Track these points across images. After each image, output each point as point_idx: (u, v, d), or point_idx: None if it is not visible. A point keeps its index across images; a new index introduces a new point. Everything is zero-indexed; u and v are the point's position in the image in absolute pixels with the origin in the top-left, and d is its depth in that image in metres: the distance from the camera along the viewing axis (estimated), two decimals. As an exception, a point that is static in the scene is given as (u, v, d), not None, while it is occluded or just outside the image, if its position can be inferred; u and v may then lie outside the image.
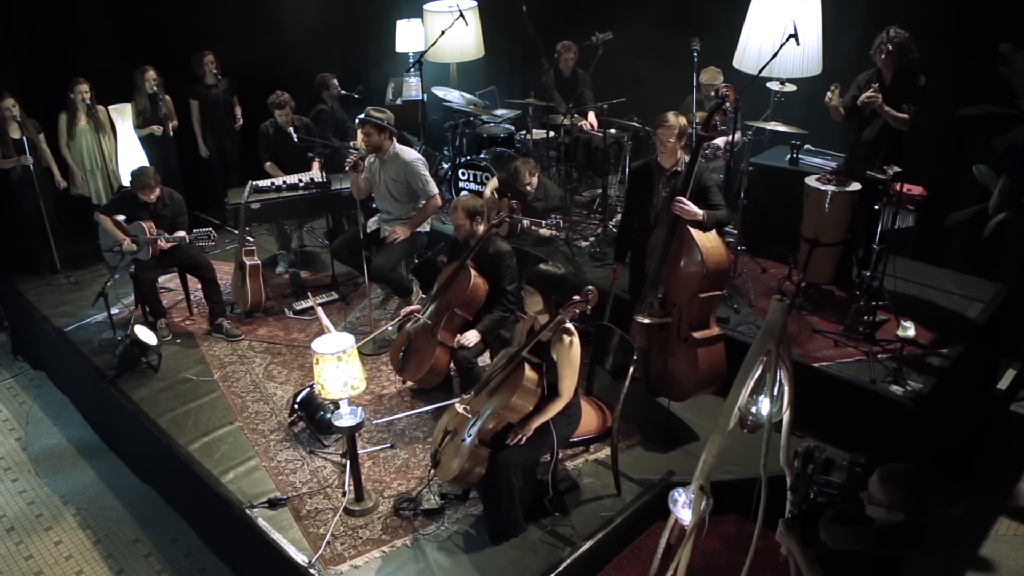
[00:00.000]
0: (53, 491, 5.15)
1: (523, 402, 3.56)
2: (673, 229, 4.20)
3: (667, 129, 4.24)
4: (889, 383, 4.25)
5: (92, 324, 5.86)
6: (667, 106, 6.17)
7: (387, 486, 4.16)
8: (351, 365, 3.55)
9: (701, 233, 4.12)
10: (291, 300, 6.10)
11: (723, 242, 4.21)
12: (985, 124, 4.64)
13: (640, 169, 4.53)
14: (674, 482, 4.02)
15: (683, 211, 4.11)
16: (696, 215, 4.12)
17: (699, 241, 4.09)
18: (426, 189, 5.31)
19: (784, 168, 5.47)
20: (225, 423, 4.75)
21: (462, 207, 4.40)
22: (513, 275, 4.48)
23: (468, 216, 4.39)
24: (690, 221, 4.12)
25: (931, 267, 5.54)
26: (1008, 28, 4.92)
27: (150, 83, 6.53)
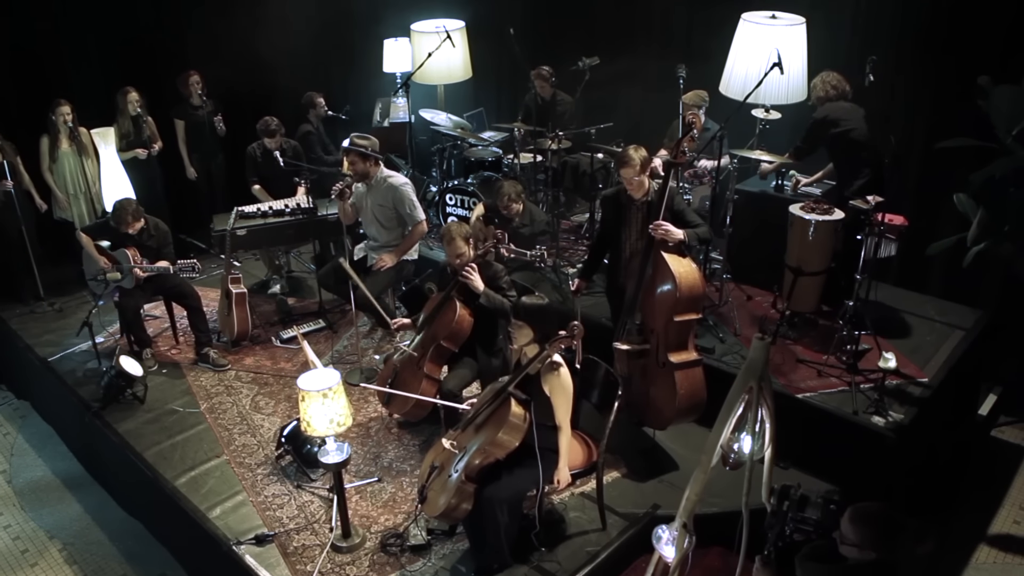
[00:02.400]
0: (39, 525, 5.24)
1: (509, 438, 3.68)
2: (647, 255, 4.35)
3: (629, 169, 4.39)
4: (871, 414, 4.40)
5: (77, 353, 5.96)
6: (654, 130, 6.40)
7: (374, 521, 4.28)
8: (337, 402, 3.68)
9: (674, 257, 4.28)
10: (278, 328, 6.22)
11: (697, 266, 4.37)
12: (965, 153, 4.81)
13: (610, 198, 4.68)
14: (658, 516, 4.18)
15: (666, 234, 4.25)
16: (678, 236, 4.27)
17: (672, 266, 4.24)
18: (413, 215, 5.45)
19: (769, 195, 5.62)
20: (212, 456, 4.85)
21: (460, 235, 4.51)
22: (510, 285, 4.64)
23: (464, 241, 4.51)
24: (667, 246, 4.27)
25: (913, 294, 5.71)
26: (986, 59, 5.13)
27: (133, 105, 6.61)
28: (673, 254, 4.26)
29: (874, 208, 4.42)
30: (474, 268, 4.48)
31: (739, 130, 5.65)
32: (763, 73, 4.81)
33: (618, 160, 4.48)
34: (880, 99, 5.33)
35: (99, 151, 5.99)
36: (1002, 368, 5.77)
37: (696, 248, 4.36)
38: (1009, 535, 4.84)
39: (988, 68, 4.55)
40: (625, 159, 4.40)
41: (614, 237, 4.68)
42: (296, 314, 6.46)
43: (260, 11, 7.41)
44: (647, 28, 7.31)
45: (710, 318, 5.25)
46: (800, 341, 5.13)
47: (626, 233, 4.58)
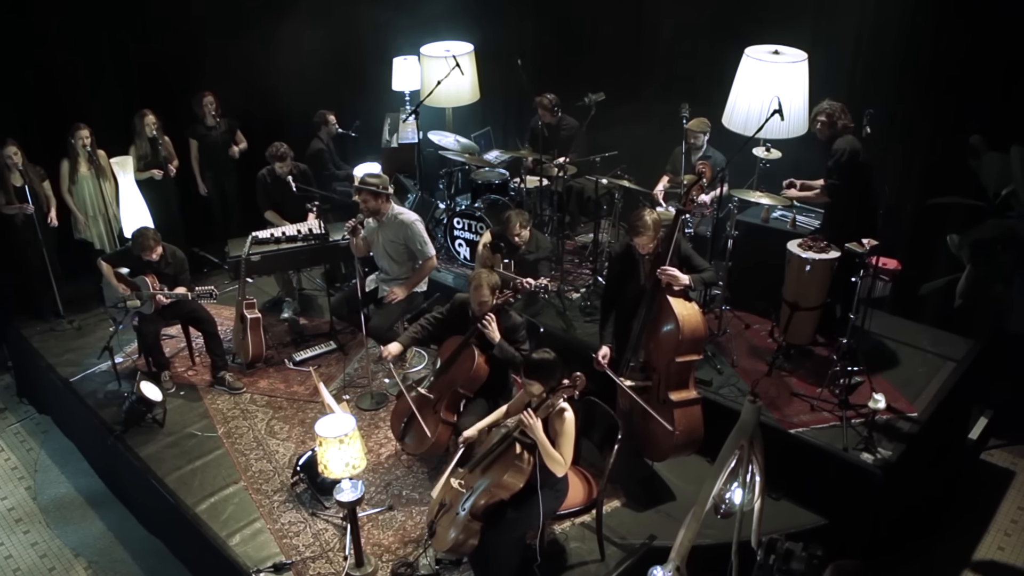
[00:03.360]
0: (64, 543, 5.51)
1: (514, 480, 3.93)
2: (653, 298, 4.57)
3: (644, 238, 4.55)
4: (860, 450, 4.62)
5: (97, 374, 6.20)
6: (657, 157, 6.58)
7: (386, 549, 4.54)
8: (352, 447, 3.93)
9: (679, 301, 4.49)
10: (291, 350, 6.47)
11: (700, 310, 4.58)
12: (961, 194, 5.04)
13: (623, 255, 4.86)
14: (655, 547, 4.42)
15: (671, 278, 4.47)
16: (684, 282, 4.49)
17: (676, 308, 4.46)
18: (424, 251, 5.69)
19: (769, 228, 5.81)
20: (230, 482, 5.10)
21: (488, 284, 4.69)
22: (525, 339, 4.86)
23: (491, 292, 4.70)
24: (672, 289, 4.49)
25: (908, 322, 5.90)
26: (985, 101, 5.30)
27: (149, 127, 6.82)
28: (678, 297, 4.48)
29: (869, 252, 4.63)
30: (493, 319, 4.69)
31: (739, 167, 5.83)
32: (763, 119, 5.00)
33: (632, 227, 4.62)
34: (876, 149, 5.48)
35: (118, 179, 6.23)
36: (993, 391, 5.94)
37: (701, 291, 4.55)
38: (993, 561, 5.06)
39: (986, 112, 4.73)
40: (640, 228, 4.54)
41: (626, 284, 4.85)
42: (308, 334, 6.71)
43: (272, 33, 7.61)
44: (651, 64, 7.52)
45: (708, 348, 5.45)
46: (795, 372, 5.35)
47: (635, 276, 4.77)
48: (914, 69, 5.86)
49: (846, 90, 5.93)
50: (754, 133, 5.03)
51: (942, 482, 5.49)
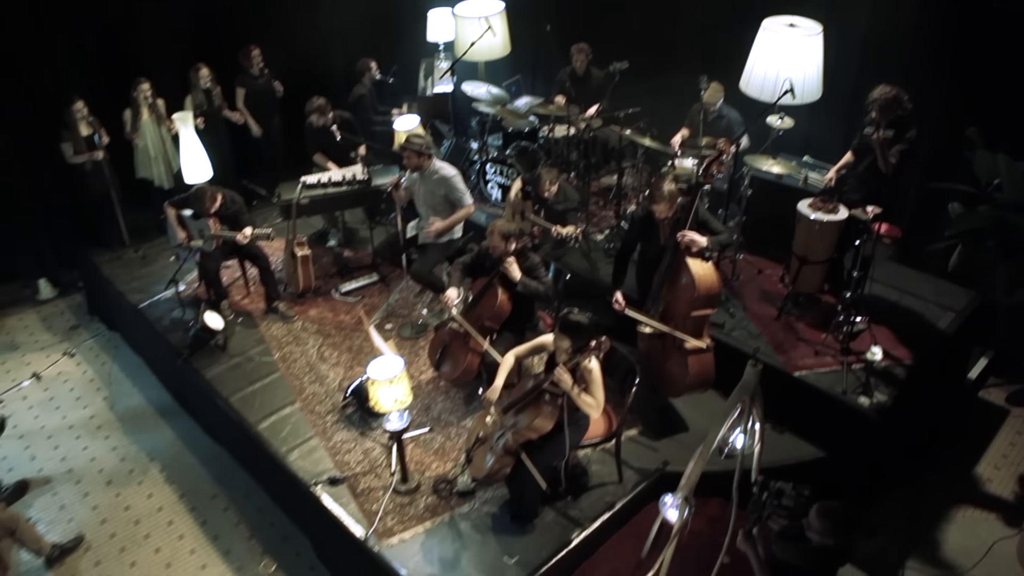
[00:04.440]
0: (140, 449, 5.95)
1: (543, 424, 4.23)
2: (673, 256, 4.79)
3: (662, 206, 4.76)
4: (858, 394, 4.86)
5: (163, 301, 6.55)
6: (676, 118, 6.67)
7: (427, 467, 4.91)
8: (400, 386, 4.25)
9: (696, 262, 4.70)
10: (336, 281, 6.75)
11: (715, 269, 4.78)
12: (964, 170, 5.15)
13: (644, 218, 5.03)
14: (668, 472, 4.75)
15: (691, 242, 4.68)
16: (701, 244, 4.70)
17: (693, 269, 4.67)
18: (462, 200, 5.89)
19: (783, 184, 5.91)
20: (287, 403, 5.46)
21: (499, 231, 4.94)
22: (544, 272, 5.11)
23: (503, 239, 4.95)
24: (690, 251, 4.69)
25: (912, 272, 6.01)
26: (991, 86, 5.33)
27: (204, 79, 7.17)
28: (695, 258, 4.68)
29: (872, 219, 4.79)
30: (512, 261, 4.94)
31: (754, 135, 5.92)
32: (778, 94, 5.08)
33: (651, 195, 4.84)
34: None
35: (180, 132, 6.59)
36: (994, 333, 6.00)
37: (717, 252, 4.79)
38: (982, 491, 5.28)
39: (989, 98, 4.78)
40: (657, 197, 4.75)
41: (646, 243, 5.06)
42: (352, 266, 7.01)
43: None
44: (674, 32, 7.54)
45: (722, 292, 5.67)
46: (802, 318, 5.55)
47: (656, 236, 4.97)
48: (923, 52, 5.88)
49: (858, 64, 5.96)
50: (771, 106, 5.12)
51: (938, 420, 5.66)
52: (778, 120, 5.61)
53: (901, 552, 4.80)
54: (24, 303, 7.70)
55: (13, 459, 5.86)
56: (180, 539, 5.18)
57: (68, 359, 6.94)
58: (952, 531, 5.00)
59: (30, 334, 7.31)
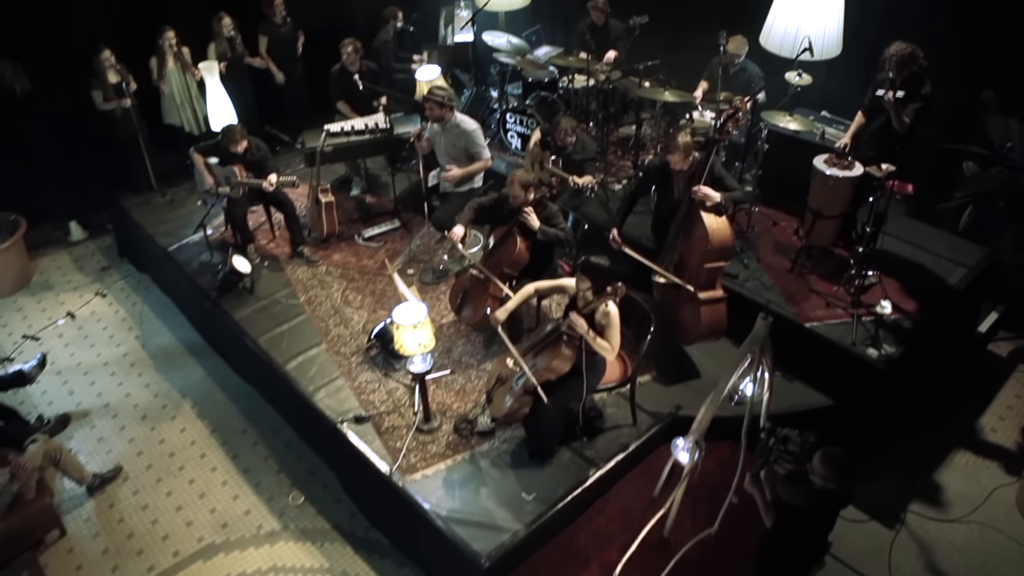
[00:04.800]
0: (172, 385, 6.11)
1: (560, 365, 4.32)
2: (688, 209, 4.82)
3: (677, 156, 4.82)
4: (867, 346, 4.90)
5: (191, 245, 6.64)
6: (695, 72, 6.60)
7: (448, 407, 5.02)
8: (424, 331, 4.34)
9: (711, 216, 4.73)
10: (359, 226, 6.82)
11: (729, 223, 4.81)
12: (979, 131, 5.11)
13: (660, 168, 5.05)
14: (680, 416, 4.85)
15: (705, 196, 4.72)
16: (715, 199, 4.73)
17: (708, 223, 4.72)
18: (480, 153, 5.90)
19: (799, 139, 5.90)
20: (313, 344, 5.56)
21: (519, 182, 4.98)
22: (562, 220, 5.17)
23: (523, 188, 4.99)
24: (705, 205, 4.73)
25: (926, 227, 5.99)
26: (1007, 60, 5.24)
27: (226, 28, 7.18)
28: (710, 213, 4.71)
29: (887, 176, 4.79)
30: (531, 210, 4.99)
31: (771, 92, 5.89)
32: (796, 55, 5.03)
33: (666, 147, 4.88)
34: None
35: (206, 81, 6.63)
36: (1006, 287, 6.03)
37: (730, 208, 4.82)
38: (985, 441, 5.36)
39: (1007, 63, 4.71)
40: (672, 148, 4.79)
41: (662, 195, 5.09)
42: (374, 211, 7.06)
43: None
44: None
45: (737, 243, 5.68)
46: (815, 271, 5.58)
47: (671, 188, 5.00)
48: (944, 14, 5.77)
49: (878, 21, 5.86)
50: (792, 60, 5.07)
51: (946, 371, 5.69)
52: (796, 77, 5.57)
53: (903, 496, 4.92)
54: (56, 244, 7.83)
55: (53, 393, 6.04)
56: (212, 471, 5.37)
57: (100, 299, 7.08)
58: (953, 477, 5.10)
59: (63, 274, 7.45)
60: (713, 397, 3.90)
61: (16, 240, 7.03)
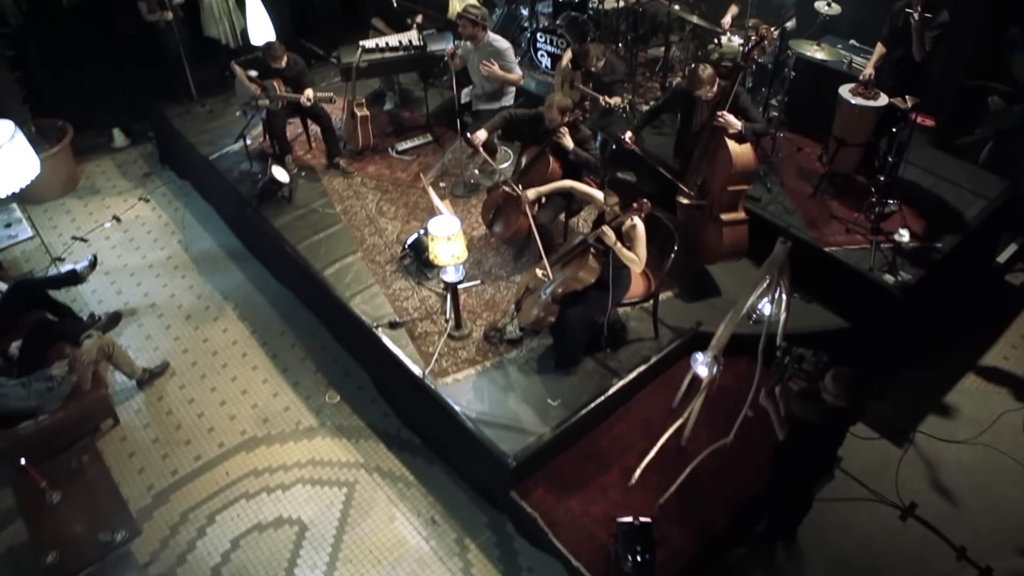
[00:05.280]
0: (214, 288, 6.12)
1: (587, 276, 4.28)
2: (712, 134, 4.69)
3: (704, 90, 4.70)
4: (884, 272, 4.81)
5: (231, 154, 6.53)
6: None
7: (478, 316, 5.02)
8: (457, 243, 4.28)
9: (734, 142, 4.60)
10: (393, 139, 6.66)
11: (753, 149, 4.66)
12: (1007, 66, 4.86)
13: (686, 92, 4.90)
14: (700, 332, 4.81)
15: (726, 123, 4.57)
16: (737, 127, 4.58)
17: (731, 148, 4.59)
18: (513, 71, 5.71)
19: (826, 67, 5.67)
20: (349, 252, 5.52)
21: (557, 106, 4.84)
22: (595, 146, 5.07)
23: (560, 113, 4.85)
24: (728, 132, 4.59)
25: (949, 158, 5.78)
26: None
27: None
28: (733, 139, 4.57)
29: (911, 109, 4.60)
30: (566, 131, 4.85)
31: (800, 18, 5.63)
32: None
33: (689, 81, 4.78)
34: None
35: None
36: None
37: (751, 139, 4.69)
38: (996, 368, 5.29)
39: None
40: (696, 83, 4.71)
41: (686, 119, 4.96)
42: (407, 125, 6.90)
43: None
44: None
45: (761, 167, 5.53)
46: (837, 197, 5.43)
47: (696, 113, 4.87)
48: None
49: None
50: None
51: (962, 300, 5.58)
52: (826, 6, 5.33)
53: (912, 416, 4.91)
54: (100, 150, 7.75)
55: (102, 293, 6.09)
56: (254, 369, 5.44)
57: (144, 204, 7.06)
58: (963, 401, 5.06)
59: (107, 179, 7.41)
60: (732, 315, 3.86)
61: (64, 146, 6.96)
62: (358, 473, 4.70)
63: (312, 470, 4.73)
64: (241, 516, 4.49)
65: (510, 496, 4.18)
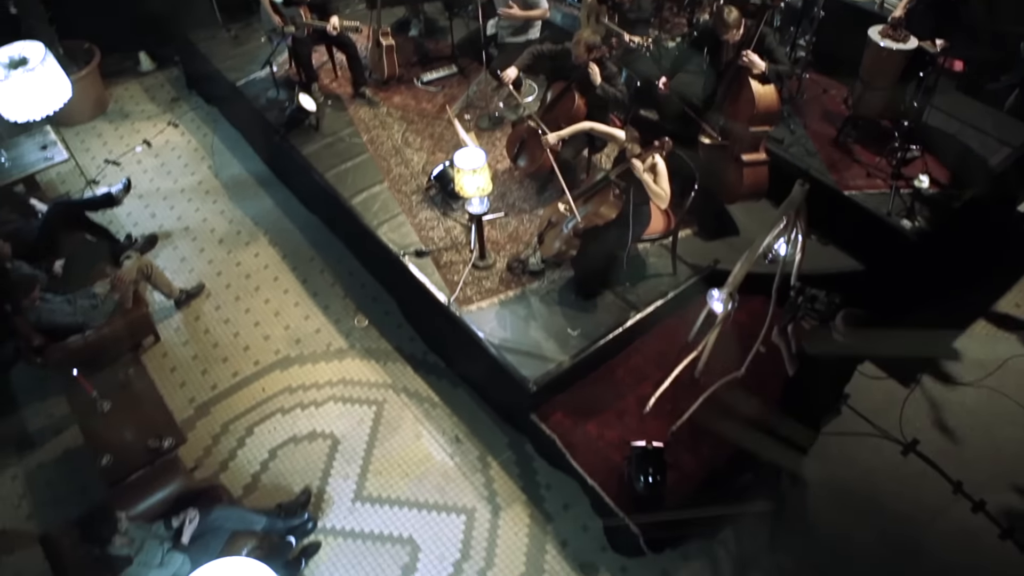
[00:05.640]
0: (244, 213, 6.31)
1: (608, 211, 4.44)
2: (736, 74, 4.75)
3: (731, 34, 4.75)
4: (902, 217, 4.91)
5: (257, 80, 6.61)
6: None
7: (501, 247, 5.18)
8: (482, 176, 4.41)
9: (757, 83, 4.66)
10: (418, 70, 6.72)
11: (776, 91, 4.72)
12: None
13: (712, 32, 4.94)
14: (718, 270, 4.95)
15: (750, 63, 4.63)
16: (761, 67, 4.64)
17: (755, 88, 4.67)
18: (539, 3, 5.77)
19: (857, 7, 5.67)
20: (376, 182, 5.66)
21: (584, 42, 4.89)
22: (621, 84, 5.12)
23: (587, 49, 4.90)
24: (752, 72, 4.65)
25: (976, 104, 5.75)
26: None
27: None
28: (757, 80, 4.63)
29: (939, 52, 4.62)
30: (595, 67, 4.91)
31: None
32: None
33: (715, 24, 4.82)
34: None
35: None
36: None
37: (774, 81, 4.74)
38: (1007, 314, 5.40)
39: None
40: (721, 27, 4.75)
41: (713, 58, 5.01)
42: (432, 56, 6.93)
43: None
44: None
45: (785, 109, 5.57)
46: (859, 141, 5.47)
47: (721, 51, 4.91)
48: None
49: None
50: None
51: (980, 247, 5.60)
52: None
53: (920, 357, 5.06)
54: (127, 74, 7.84)
55: (137, 216, 6.31)
56: (285, 293, 5.69)
57: (173, 129, 7.19)
58: (971, 345, 5.20)
59: (136, 103, 7.53)
60: (749, 254, 4.02)
61: (92, 68, 7.06)
62: (386, 393, 4.99)
63: (343, 389, 5.02)
64: (277, 429, 4.81)
65: (530, 419, 4.44)
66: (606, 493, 4.08)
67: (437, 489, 4.50)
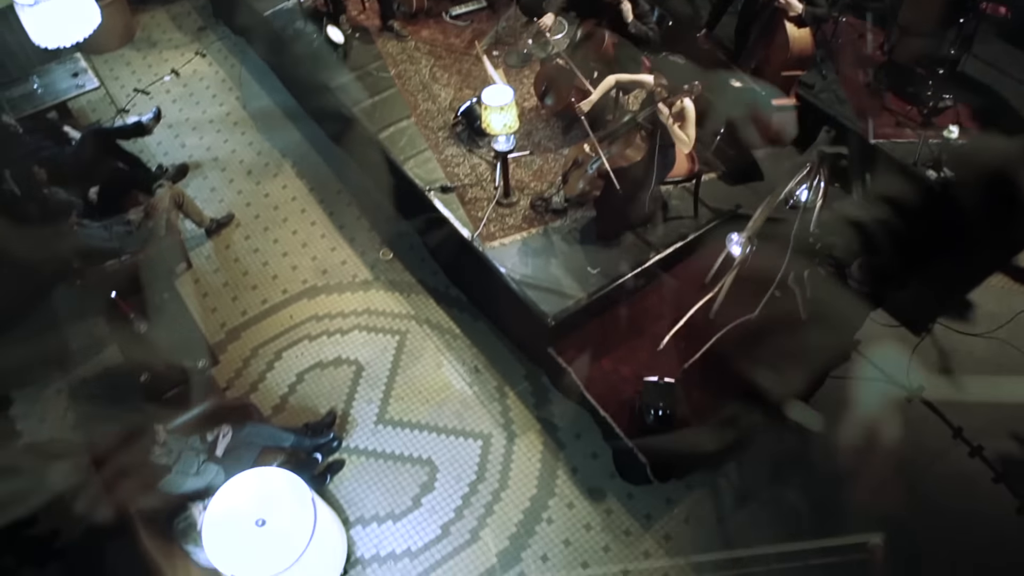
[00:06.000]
0: (272, 145, 6.44)
1: (633, 154, 4.52)
2: (772, 15, 4.74)
3: None
4: (928, 167, 4.92)
5: (284, 11, 6.60)
6: None
7: (526, 185, 5.28)
8: (509, 113, 4.50)
9: (793, 26, 4.65)
10: (446, 3, 6.68)
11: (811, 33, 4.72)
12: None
13: None
14: (739, 214, 5.01)
15: (787, 3, 4.62)
16: (798, 8, 4.62)
17: (790, 31, 4.66)
18: None
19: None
20: (403, 117, 5.73)
21: None
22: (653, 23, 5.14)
23: None
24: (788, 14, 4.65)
25: (1017, 52, 5.62)
26: None
27: None
28: (792, 22, 4.62)
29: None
30: (629, 5, 4.93)
31: None
32: None
33: None
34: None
35: None
36: None
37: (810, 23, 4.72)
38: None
39: None
40: None
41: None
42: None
43: None
44: None
45: (818, 53, 5.56)
46: (892, 88, 5.43)
47: None
48: None
49: None
50: None
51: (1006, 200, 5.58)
52: None
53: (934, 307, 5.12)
54: (153, 2, 7.85)
55: (167, 145, 6.46)
56: (312, 225, 5.87)
57: (200, 59, 7.27)
58: (985, 297, 5.24)
59: (163, 32, 7.60)
60: (770, 199, 4.11)
61: (120, -7, 7.14)
62: (409, 323, 5.20)
63: (368, 318, 5.23)
64: (304, 354, 5.05)
65: (547, 352, 4.63)
66: (617, 424, 4.28)
67: (456, 415, 4.74)
